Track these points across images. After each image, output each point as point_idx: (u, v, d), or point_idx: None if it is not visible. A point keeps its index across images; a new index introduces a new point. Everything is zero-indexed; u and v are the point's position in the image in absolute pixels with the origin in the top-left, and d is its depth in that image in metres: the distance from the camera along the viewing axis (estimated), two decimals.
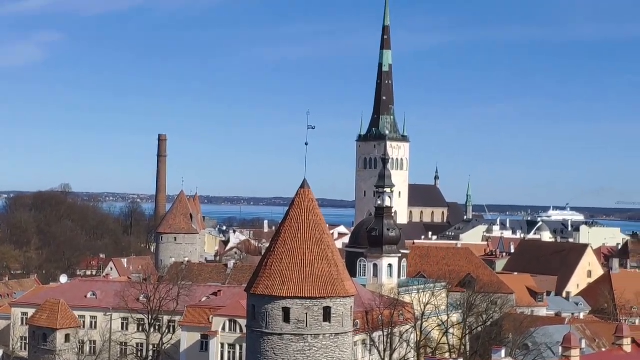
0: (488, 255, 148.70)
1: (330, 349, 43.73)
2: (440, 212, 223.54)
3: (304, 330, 43.32)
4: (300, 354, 43.26)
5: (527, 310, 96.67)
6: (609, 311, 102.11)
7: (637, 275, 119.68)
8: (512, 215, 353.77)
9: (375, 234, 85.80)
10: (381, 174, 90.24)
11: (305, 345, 43.26)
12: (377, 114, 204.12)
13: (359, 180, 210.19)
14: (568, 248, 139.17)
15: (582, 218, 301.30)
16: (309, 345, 43.31)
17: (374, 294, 75.93)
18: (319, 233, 45.03)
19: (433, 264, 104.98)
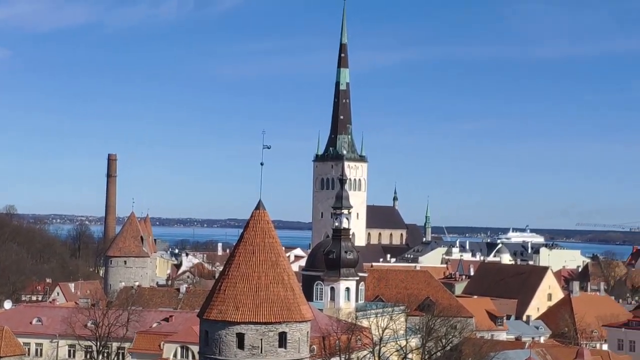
0: (447, 278, 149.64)
1: None
2: (398, 234, 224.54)
3: (259, 357, 43.15)
4: None
5: (486, 334, 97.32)
6: (569, 335, 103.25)
7: (598, 299, 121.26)
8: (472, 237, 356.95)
9: (332, 256, 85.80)
10: (339, 194, 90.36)
11: None
12: (335, 133, 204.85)
13: (315, 202, 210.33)
14: (528, 270, 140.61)
15: (542, 240, 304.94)
16: None
17: (331, 318, 75.86)
18: (274, 256, 44.99)
19: (391, 287, 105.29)
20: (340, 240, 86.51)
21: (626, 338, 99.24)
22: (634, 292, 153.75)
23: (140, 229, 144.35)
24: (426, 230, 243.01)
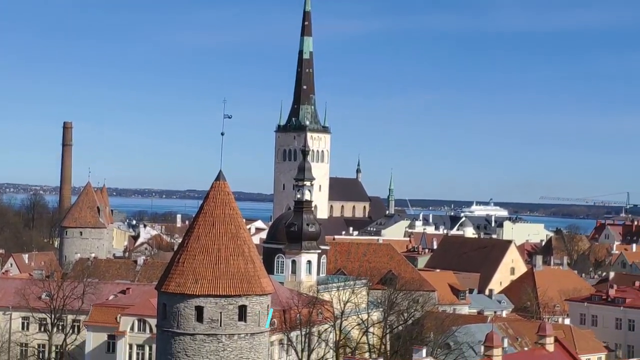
0: (410, 251, 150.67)
1: (246, 349, 43.67)
2: (361, 207, 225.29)
3: (218, 330, 43.16)
4: (213, 354, 43.07)
5: (449, 308, 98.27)
6: (532, 309, 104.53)
7: (561, 273, 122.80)
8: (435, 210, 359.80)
9: (294, 229, 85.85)
10: (301, 166, 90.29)
11: (219, 346, 43.11)
12: (297, 103, 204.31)
13: (277, 173, 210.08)
14: (491, 244, 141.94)
15: (506, 213, 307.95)
16: (223, 346, 43.17)
17: (292, 291, 76.08)
18: (234, 228, 44.87)
19: (354, 261, 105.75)
20: (302, 213, 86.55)
21: (588, 312, 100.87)
22: (596, 266, 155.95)
23: (97, 199, 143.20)
24: (389, 203, 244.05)
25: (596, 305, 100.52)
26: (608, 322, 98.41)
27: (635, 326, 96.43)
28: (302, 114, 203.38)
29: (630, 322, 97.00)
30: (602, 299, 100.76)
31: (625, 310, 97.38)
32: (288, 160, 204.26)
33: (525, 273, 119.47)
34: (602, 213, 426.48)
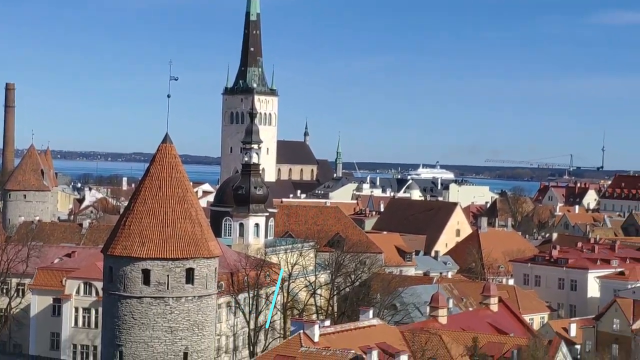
0: (357, 214, 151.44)
1: (193, 312, 43.72)
2: (309, 170, 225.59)
3: (165, 293, 43.13)
4: (160, 317, 43.05)
5: (395, 269, 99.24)
6: (476, 270, 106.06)
7: (505, 234, 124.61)
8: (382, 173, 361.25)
9: (241, 192, 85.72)
10: (248, 129, 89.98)
11: (167, 309, 43.09)
12: (245, 66, 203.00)
13: (224, 136, 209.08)
14: (437, 206, 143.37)
15: (452, 176, 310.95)
16: (170, 309, 43.16)
17: (239, 254, 76.14)
18: (181, 191, 44.70)
19: (301, 223, 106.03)
20: (250, 176, 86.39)
21: (532, 273, 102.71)
22: (540, 227, 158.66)
23: (41, 161, 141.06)
24: (337, 166, 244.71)
25: (539, 266, 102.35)
26: (551, 283, 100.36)
27: (577, 286, 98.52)
28: (250, 77, 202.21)
29: (573, 282, 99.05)
30: (545, 259, 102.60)
31: (568, 270, 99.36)
32: (235, 123, 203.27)
33: (470, 235, 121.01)
34: (546, 175, 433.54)
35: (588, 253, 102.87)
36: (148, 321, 42.99)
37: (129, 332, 43.11)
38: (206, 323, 44.52)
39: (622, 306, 77.76)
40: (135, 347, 43.05)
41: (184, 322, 43.42)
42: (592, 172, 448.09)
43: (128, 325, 43.11)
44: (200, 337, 44.07)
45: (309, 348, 50.79)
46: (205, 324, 44.43)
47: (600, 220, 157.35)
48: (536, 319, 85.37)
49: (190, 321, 43.60)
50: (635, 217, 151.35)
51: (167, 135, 45.40)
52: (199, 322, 43.97)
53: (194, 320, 43.76)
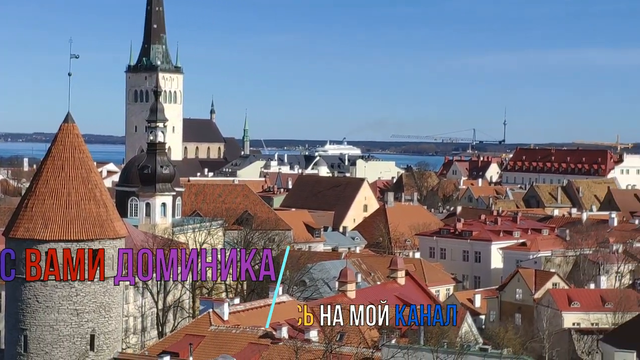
0: (266, 191, 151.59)
1: (99, 293, 43.17)
2: (216, 148, 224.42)
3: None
4: (66, 300, 42.35)
5: (304, 246, 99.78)
6: (384, 244, 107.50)
7: (411, 209, 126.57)
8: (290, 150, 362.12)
9: (147, 171, 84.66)
10: (153, 107, 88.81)
11: (72, 291, 42.43)
12: (148, 43, 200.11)
13: (129, 115, 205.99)
14: (344, 182, 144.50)
15: (359, 152, 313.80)
16: (76, 291, 42.52)
17: (146, 234, 75.30)
18: (85, 171, 43.92)
19: (209, 202, 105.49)
20: (156, 155, 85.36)
21: (437, 246, 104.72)
22: (445, 201, 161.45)
23: None
24: (244, 143, 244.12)
25: (444, 239, 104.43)
26: (456, 255, 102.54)
27: (481, 258, 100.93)
28: (153, 54, 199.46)
29: (477, 254, 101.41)
30: (450, 232, 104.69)
31: (472, 242, 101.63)
32: (140, 102, 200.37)
33: (377, 210, 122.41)
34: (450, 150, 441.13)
35: (491, 225, 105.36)
36: (53, 304, 42.25)
37: (33, 316, 42.31)
38: (113, 305, 44.01)
39: (524, 276, 79.98)
40: (40, 330, 42.30)
41: (90, 305, 42.82)
42: (494, 145, 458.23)
43: (32, 309, 42.31)
44: (107, 319, 43.56)
45: (219, 326, 50.75)
46: (112, 306, 43.91)
47: (502, 192, 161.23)
48: (442, 291, 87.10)
49: (96, 303, 43.03)
50: (536, 189, 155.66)
51: (69, 114, 44.51)
52: (105, 304, 43.43)
53: (101, 302, 43.20)
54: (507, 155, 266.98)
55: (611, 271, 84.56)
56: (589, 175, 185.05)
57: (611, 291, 75.86)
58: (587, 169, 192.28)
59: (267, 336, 49.25)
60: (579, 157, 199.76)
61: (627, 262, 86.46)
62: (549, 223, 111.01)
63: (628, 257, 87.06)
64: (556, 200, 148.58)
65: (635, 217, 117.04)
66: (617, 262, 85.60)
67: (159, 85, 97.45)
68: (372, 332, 55.06)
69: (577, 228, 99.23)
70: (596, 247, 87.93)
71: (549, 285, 78.23)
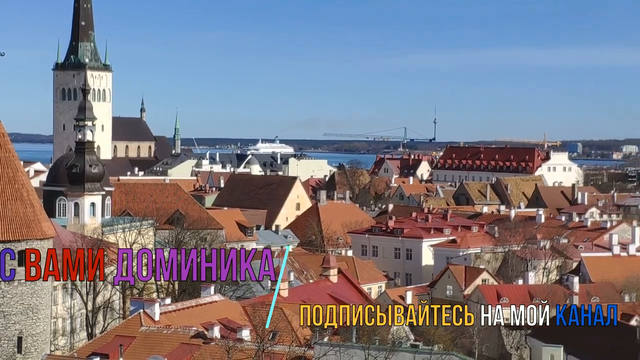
0: (197, 190, 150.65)
1: (27, 295, 42.48)
2: (146, 147, 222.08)
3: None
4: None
5: (237, 244, 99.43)
6: (316, 243, 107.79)
7: (344, 207, 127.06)
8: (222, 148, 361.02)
9: (76, 170, 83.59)
10: (81, 105, 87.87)
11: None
12: (76, 40, 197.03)
13: (57, 113, 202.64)
14: (277, 181, 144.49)
15: (291, 150, 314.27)
16: (2, 292, 41.77)
17: (75, 234, 74.25)
18: (11, 171, 43.17)
19: (140, 201, 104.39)
20: (84, 154, 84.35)
21: (369, 244, 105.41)
22: (376, 199, 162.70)
23: None
24: (175, 142, 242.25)
25: (376, 237, 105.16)
26: (388, 252, 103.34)
27: (412, 255, 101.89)
28: (81, 52, 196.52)
29: (408, 251, 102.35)
30: (382, 230, 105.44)
31: (403, 240, 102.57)
32: (68, 100, 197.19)
33: (310, 208, 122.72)
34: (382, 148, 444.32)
35: (422, 223, 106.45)
36: None
37: None
38: (41, 306, 43.34)
39: (454, 273, 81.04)
40: None
41: (17, 306, 42.10)
42: (425, 144, 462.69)
43: None
44: (35, 320, 42.89)
45: (150, 327, 50.32)
46: (40, 307, 43.24)
47: (433, 190, 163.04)
48: (374, 288, 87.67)
49: (24, 305, 42.33)
50: (466, 186, 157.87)
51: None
52: (33, 305, 42.75)
53: (28, 303, 42.51)
54: (438, 153, 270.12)
55: (539, 267, 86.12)
56: (517, 172, 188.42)
57: (539, 286, 77.23)
58: (515, 166, 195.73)
59: (198, 336, 49.03)
60: (507, 155, 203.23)
61: (554, 258, 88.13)
62: (478, 220, 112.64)
63: (555, 253, 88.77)
64: (485, 197, 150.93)
65: (561, 214, 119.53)
66: (545, 258, 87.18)
67: (87, 83, 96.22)
68: (305, 330, 55.21)
69: (505, 225, 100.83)
70: (524, 243, 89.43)
71: (478, 281, 79.40)
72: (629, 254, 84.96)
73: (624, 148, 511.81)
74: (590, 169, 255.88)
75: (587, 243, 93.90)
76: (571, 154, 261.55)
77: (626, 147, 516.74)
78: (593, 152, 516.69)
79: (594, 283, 78.06)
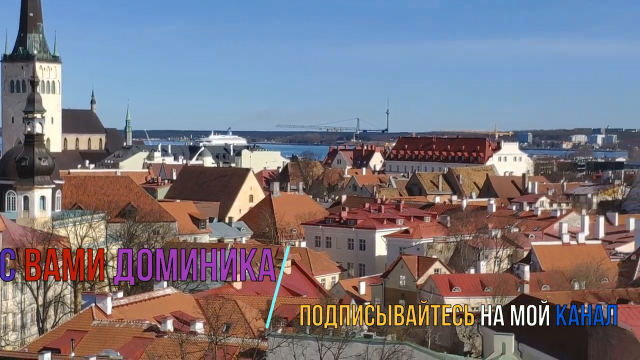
0: (149, 182, 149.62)
1: None
2: (97, 139, 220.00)
3: None
4: None
5: (189, 237, 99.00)
6: (270, 234, 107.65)
7: (297, 198, 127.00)
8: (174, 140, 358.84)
9: (25, 163, 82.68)
10: (30, 98, 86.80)
11: None
12: (24, 32, 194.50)
13: (5, 105, 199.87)
14: (230, 173, 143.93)
15: (244, 142, 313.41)
16: None
17: (25, 228, 73.39)
18: None
19: (91, 194, 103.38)
20: (34, 147, 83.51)
21: (323, 235, 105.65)
22: (330, 190, 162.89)
23: None
24: (127, 134, 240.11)
25: (330, 228, 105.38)
26: (341, 243, 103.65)
27: (366, 246, 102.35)
28: (30, 43, 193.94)
29: (361, 242, 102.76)
30: (335, 221, 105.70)
31: (357, 230, 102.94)
32: (16, 92, 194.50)
33: (263, 200, 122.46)
34: (335, 139, 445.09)
35: (375, 213, 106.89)
36: None
37: None
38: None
39: (407, 263, 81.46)
40: None
41: None
42: (377, 134, 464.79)
43: None
44: None
45: (102, 321, 49.99)
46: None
47: (385, 181, 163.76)
48: (328, 279, 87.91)
49: None
50: (418, 177, 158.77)
51: None
52: None
53: None
54: (390, 144, 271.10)
55: (490, 256, 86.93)
56: (468, 162, 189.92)
57: (490, 276, 77.97)
58: (467, 156, 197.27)
59: (151, 329, 48.81)
60: (459, 145, 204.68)
61: (505, 247, 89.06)
62: (430, 210, 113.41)
63: (506, 242, 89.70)
64: (437, 187, 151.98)
65: (512, 203, 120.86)
66: (496, 247, 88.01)
67: (36, 75, 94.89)
68: (259, 322, 55.18)
69: (457, 215, 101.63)
70: (476, 233, 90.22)
71: (431, 271, 79.90)
72: (578, 242, 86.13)
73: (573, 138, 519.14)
74: (540, 158, 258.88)
75: (537, 232, 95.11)
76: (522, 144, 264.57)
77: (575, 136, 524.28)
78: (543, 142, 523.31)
79: (545, 271, 79.04)
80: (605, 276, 77.50)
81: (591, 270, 76.02)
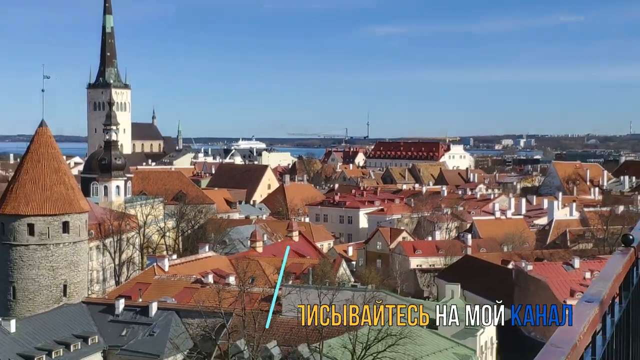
0: (195, 176, 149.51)
1: (70, 254, 42.11)
2: (157, 144, 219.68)
3: (47, 241, 41.26)
4: (44, 259, 41.17)
5: (224, 215, 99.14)
6: (283, 212, 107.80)
7: (302, 187, 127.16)
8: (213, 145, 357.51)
9: (105, 162, 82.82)
10: (108, 114, 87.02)
11: (48, 253, 41.29)
12: (103, 66, 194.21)
13: (90, 120, 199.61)
14: (254, 168, 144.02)
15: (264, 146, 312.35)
16: (51, 252, 41.39)
17: (104, 209, 73.50)
18: (56, 162, 42.71)
19: (152, 184, 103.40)
20: (111, 150, 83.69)
21: (321, 213, 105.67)
22: (326, 180, 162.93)
23: None
24: (178, 140, 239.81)
25: (326, 208, 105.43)
26: (335, 219, 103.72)
27: (352, 220, 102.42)
28: (108, 75, 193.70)
29: (349, 218, 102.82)
30: (330, 203, 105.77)
31: (346, 210, 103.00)
32: (98, 110, 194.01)
33: (278, 188, 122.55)
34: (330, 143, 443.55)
35: (359, 197, 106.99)
36: (34, 263, 41.05)
37: (19, 272, 41.00)
38: (80, 262, 43.02)
39: (382, 233, 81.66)
40: (25, 282, 41.05)
41: (62, 262, 41.78)
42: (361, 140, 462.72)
43: (18, 267, 40.98)
44: (76, 272, 42.59)
45: (161, 276, 50.13)
46: (79, 263, 42.92)
47: (367, 174, 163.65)
48: (325, 245, 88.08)
49: (67, 261, 42.00)
50: (390, 170, 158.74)
51: (42, 120, 43.24)
52: (74, 261, 42.42)
53: (71, 260, 42.18)
54: (370, 147, 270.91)
55: (443, 228, 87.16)
56: (427, 160, 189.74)
57: (443, 242, 78.27)
58: (426, 155, 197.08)
59: (197, 282, 48.94)
60: (420, 148, 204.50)
61: (454, 221, 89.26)
62: (399, 195, 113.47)
63: (454, 217, 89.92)
64: (404, 178, 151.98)
65: (459, 189, 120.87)
66: (447, 221, 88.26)
67: (112, 98, 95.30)
68: (275, 276, 55.37)
69: (419, 198, 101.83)
70: (432, 211, 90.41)
71: (400, 238, 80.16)
72: (506, 217, 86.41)
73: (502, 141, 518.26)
74: (479, 157, 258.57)
75: (477, 210, 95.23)
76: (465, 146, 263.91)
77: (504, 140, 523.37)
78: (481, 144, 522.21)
79: (482, 238, 79.25)
80: (526, 242, 77.75)
81: (516, 237, 76.27)
